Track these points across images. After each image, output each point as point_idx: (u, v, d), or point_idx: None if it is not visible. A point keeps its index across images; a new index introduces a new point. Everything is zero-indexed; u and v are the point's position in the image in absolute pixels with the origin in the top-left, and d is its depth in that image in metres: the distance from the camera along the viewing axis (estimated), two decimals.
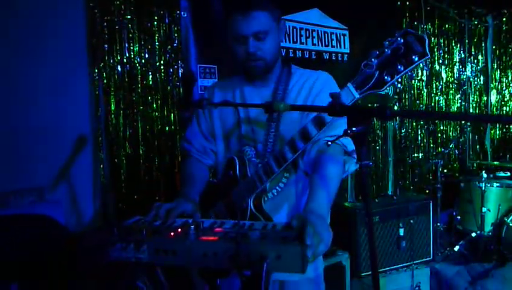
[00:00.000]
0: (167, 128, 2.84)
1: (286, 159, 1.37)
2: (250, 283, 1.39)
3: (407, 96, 4.51)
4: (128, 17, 2.64)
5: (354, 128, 0.90)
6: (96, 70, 2.55)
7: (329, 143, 1.12)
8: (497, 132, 5.38)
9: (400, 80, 1.18)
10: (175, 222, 1.40)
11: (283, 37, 1.59)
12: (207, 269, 1.53)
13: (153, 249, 1.20)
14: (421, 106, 4.68)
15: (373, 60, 1.17)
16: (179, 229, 1.28)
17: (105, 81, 2.58)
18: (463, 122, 5.14)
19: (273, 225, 1.32)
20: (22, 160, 2.33)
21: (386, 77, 1.15)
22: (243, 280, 1.49)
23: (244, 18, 1.42)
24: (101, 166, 2.59)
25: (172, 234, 1.25)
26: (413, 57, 1.11)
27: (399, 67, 1.13)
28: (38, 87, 2.39)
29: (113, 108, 2.61)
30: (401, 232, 3.38)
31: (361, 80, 1.20)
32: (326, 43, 3.69)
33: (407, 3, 4.44)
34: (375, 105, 0.94)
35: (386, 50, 1.14)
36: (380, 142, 4.31)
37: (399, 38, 1.13)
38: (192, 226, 1.25)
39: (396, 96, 4.40)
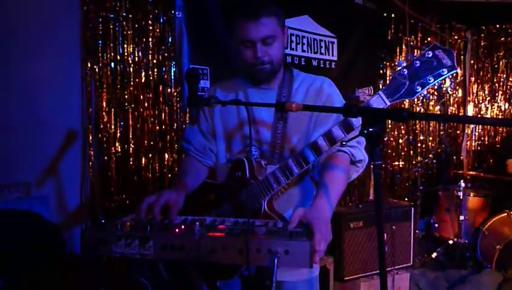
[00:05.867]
0: (158, 128, 2.83)
1: (308, 162, 1.40)
2: (253, 282, 1.41)
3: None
4: (124, 14, 2.62)
5: (370, 129, 0.93)
6: (89, 67, 2.52)
7: (344, 143, 1.16)
8: (473, 144, 5.57)
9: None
10: (175, 220, 1.41)
11: (286, 42, 1.63)
12: (209, 270, 1.53)
13: (160, 245, 1.21)
14: None
15: (404, 70, 1.23)
16: (182, 226, 1.28)
17: (97, 78, 2.54)
18: (441, 133, 5.31)
19: (274, 223, 1.34)
20: (9, 155, 2.26)
21: (417, 87, 1.22)
22: (245, 281, 1.50)
23: (254, 24, 1.44)
24: (90, 163, 2.55)
25: (177, 230, 1.26)
26: (443, 70, 1.20)
27: (429, 78, 1.21)
28: (28, 82, 2.33)
29: (104, 105, 2.58)
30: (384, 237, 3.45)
31: (393, 88, 1.26)
32: (316, 50, 3.75)
33: (393, 15, 4.57)
34: None
35: (416, 62, 1.21)
36: None
37: (428, 52, 1.20)
38: (198, 223, 1.26)
39: None
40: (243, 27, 1.46)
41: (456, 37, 5.35)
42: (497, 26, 5.23)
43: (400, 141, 4.86)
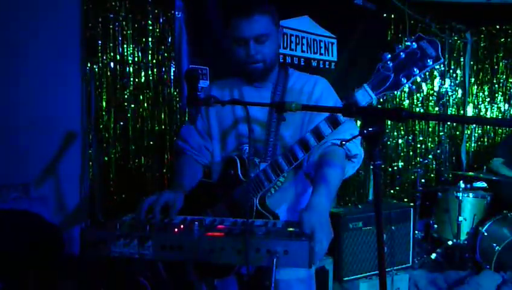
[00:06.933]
0: (157, 128, 2.83)
1: (297, 158, 1.40)
2: (250, 281, 1.40)
3: (389, 106, 4.62)
4: (123, 14, 2.62)
5: (369, 129, 0.93)
6: (89, 67, 2.52)
7: (344, 143, 1.16)
8: (472, 145, 5.57)
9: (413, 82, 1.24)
10: (174, 219, 1.41)
11: (281, 41, 1.63)
12: (205, 268, 1.53)
13: (159, 245, 1.21)
14: None
15: (389, 62, 1.22)
16: (182, 226, 1.28)
17: (97, 77, 2.54)
18: (441, 134, 5.30)
19: (273, 223, 1.34)
20: (9, 155, 2.27)
21: (402, 79, 1.21)
22: (242, 280, 1.50)
23: (246, 21, 1.44)
24: (90, 163, 2.55)
25: (176, 230, 1.26)
26: (428, 60, 1.17)
27: (414, 70, 1.19)
28: (28, 82, 2.34)
29: (104, 105, 2.58)
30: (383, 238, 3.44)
31: (378, 81, 1.25)
32: (315, 51, 3.75)
33: (392, 16, 4.57)
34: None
35: (401, 54, 1.19)
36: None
37: (413, 43, 1.18)
38: (197, 223, 1.26)
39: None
40: (236, 25, 1.46)
41: (455, 38, 5.35)
42: (497, 27, 5.22)
43: (400, 141, 4.86)
